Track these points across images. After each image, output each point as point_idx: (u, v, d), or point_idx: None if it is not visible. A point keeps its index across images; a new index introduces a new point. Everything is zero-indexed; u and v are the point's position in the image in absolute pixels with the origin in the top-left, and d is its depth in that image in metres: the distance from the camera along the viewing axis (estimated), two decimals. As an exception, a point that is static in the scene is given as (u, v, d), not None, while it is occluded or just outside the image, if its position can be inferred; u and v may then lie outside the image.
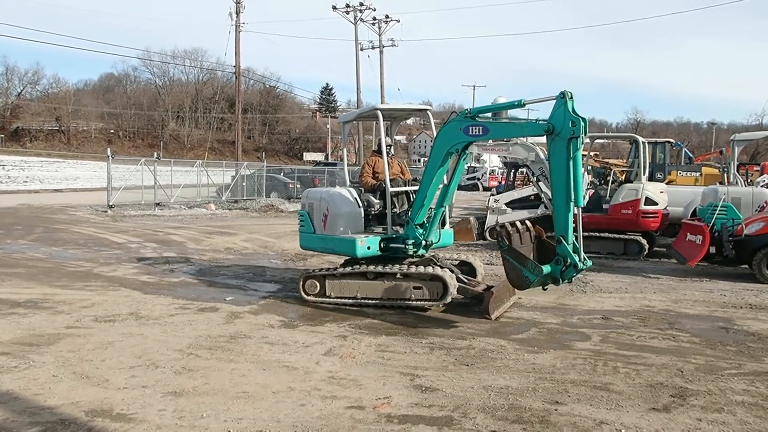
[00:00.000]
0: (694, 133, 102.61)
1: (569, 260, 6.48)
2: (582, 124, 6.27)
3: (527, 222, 7.96)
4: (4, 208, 22.08)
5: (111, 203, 22.84)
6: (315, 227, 8.54)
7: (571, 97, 6.40)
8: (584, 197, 13.47)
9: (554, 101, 6.47)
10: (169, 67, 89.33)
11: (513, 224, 7.72)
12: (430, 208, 7.86)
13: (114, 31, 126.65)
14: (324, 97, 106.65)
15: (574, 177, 6.39)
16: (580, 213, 6.52)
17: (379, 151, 8.49)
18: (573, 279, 6.74)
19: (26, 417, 4.46)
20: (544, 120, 6.64)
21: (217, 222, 20.20)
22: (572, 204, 6.43)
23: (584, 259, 6.58)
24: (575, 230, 6.56)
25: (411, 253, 7.99)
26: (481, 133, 7.18)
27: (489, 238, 15.56)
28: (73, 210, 22.59)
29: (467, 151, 7.54)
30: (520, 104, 7.22)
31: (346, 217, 8.19)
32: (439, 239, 8.11)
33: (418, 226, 7.81)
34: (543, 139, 6.73)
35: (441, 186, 7.83)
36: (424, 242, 7.86)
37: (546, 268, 6.64)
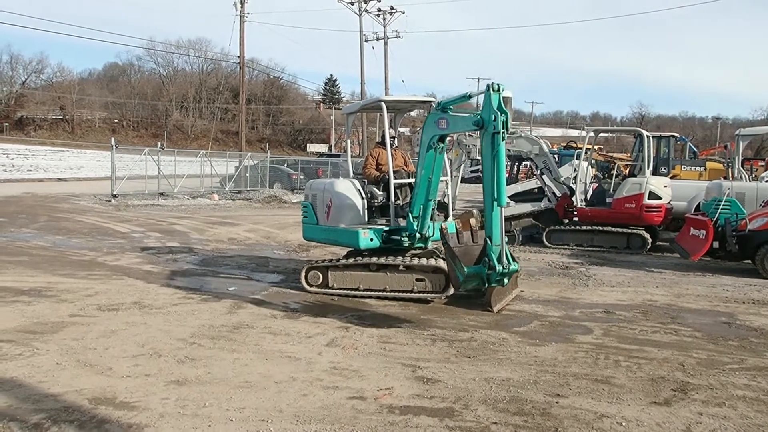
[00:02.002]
0: (699, 127, 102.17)
1: (491, 262, 6.31)
2: (501, 118, 6.11)
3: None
4: (8, 197, 22.14)
5: (115, 193, 22.88)
6: (318, 218, 8.54)
7: (497, 90, 6.23)
8: (588, 191, 13.60)
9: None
10: (173, 57, 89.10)
11: (467, 222, 7.68)
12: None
13: (118, 20, 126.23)
14: (328, 88, 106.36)
15: (497, 174, 6.21)
16: (503, 213, 6.33)
17: (382, 143, 8.48)
18: (504, 282, 6.47)
19: (30, 404, 4.49)
20: (479, 113, 6.49)
21: (220, 212, 20.22)
22: (495, 203, 6.23)
23: (507, 262, 6.32)
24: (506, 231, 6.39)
25: (407, 244, 7.99)
26: (446, 126, 7.14)
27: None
28: (77, 199, 22.63)
29: (443, 144, 7.38)
30: (466, 97, 7.19)
31: (350, 209, 8.19)
32: (434, 233, 8.06)
33: (414, 219, 7.81)
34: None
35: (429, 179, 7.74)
36: (419, 234, 7.86)
37: (470, 269, 6.41)
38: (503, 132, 6.16)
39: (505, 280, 6.50)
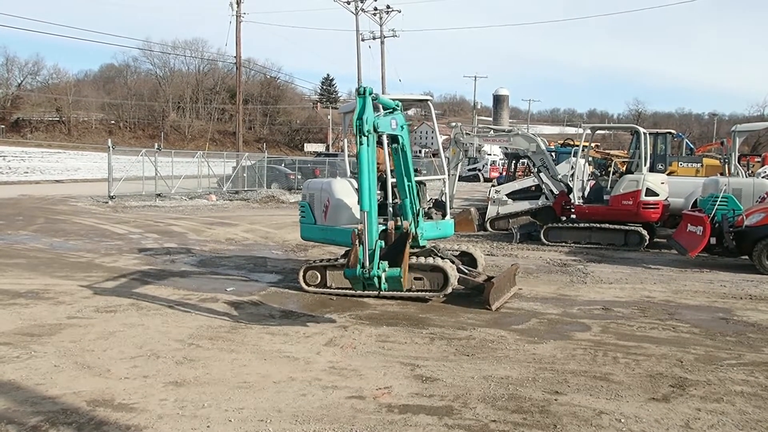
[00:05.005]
0: (696, 124, 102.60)
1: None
2: (356, 123, 6.07)
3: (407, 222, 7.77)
4: (5, 199, 22.09)
5: (112, 194, 22.84)
6: (316, 218, 8.54)
7: (362, 94, 6.16)
8: (586, 188, 13.61)
9: None
10: (169, 58, 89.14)
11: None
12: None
13: (114, 21, 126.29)
14: (325, 87, 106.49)
15: (359, 176, 6.07)
16: (366, 217, 6.14)
17: (379, 142, 8.47)
18: (383, 286, 6.23)
19: (28, 407, 4.48)
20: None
21: (217, 213, 20.20)
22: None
23: (369, 268, 6.07)
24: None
25: None
26: None
27: (490, 229, 15.58)
28: (74, 201, 22.59)
29: (396, 144, 7.33)
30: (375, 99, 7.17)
31: (347, 208, 8.19)
32: (423, 232, 8.00)
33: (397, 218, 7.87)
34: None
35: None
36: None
37: (348, 272, 6.33)
38: (359, 136, 6.09)
39: (383, 285, 6.24)
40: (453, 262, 8.01)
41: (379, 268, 6.12)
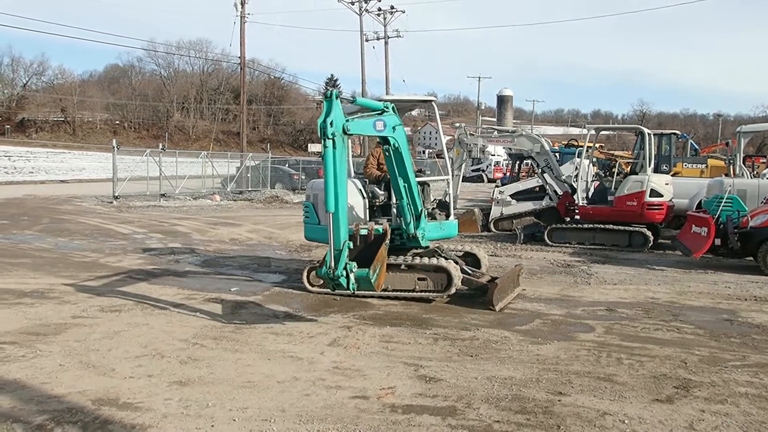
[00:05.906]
0: (701, 124, 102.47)
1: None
2: (320, 124, 6.09)
3: (386, 222, 7.79)
4: (10, 199, 22.17)
5: (116, 194, 22.89)
6: (320, 218, 8.55)
7: (329, 97, 6.16)
8: (590, 189, 13.58)
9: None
10: (174, 58, 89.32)
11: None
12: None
13: (119, 22, 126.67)
14: (329, 88, 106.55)
15: (324, 177, 6.11)
16: (331, 218, 6.11)
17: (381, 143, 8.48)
18: (349, 287, 6.18)
19: (33, 405, 4.50)
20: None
21: (222, 213, 20.24)
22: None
23: (334, 269, 6.04)
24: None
25: (397, 243, 8.06)
26: None
27: (493, 229, 15.58)
28: (79, 201, 22.65)
29: (386, 145, 7.33)
30: (353, 101, 7.27)
31: (351, 209, 8.18)
32: (424, 232, 8.02)
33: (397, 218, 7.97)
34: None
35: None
36: (406, 234, 7.92)
37: (319, 271, 6.33)
38: (324, 139, 6.11)
39: (351, 286, 6.18)
40: (456, 263, 8.02)
41: (345, 268, 6.06)
